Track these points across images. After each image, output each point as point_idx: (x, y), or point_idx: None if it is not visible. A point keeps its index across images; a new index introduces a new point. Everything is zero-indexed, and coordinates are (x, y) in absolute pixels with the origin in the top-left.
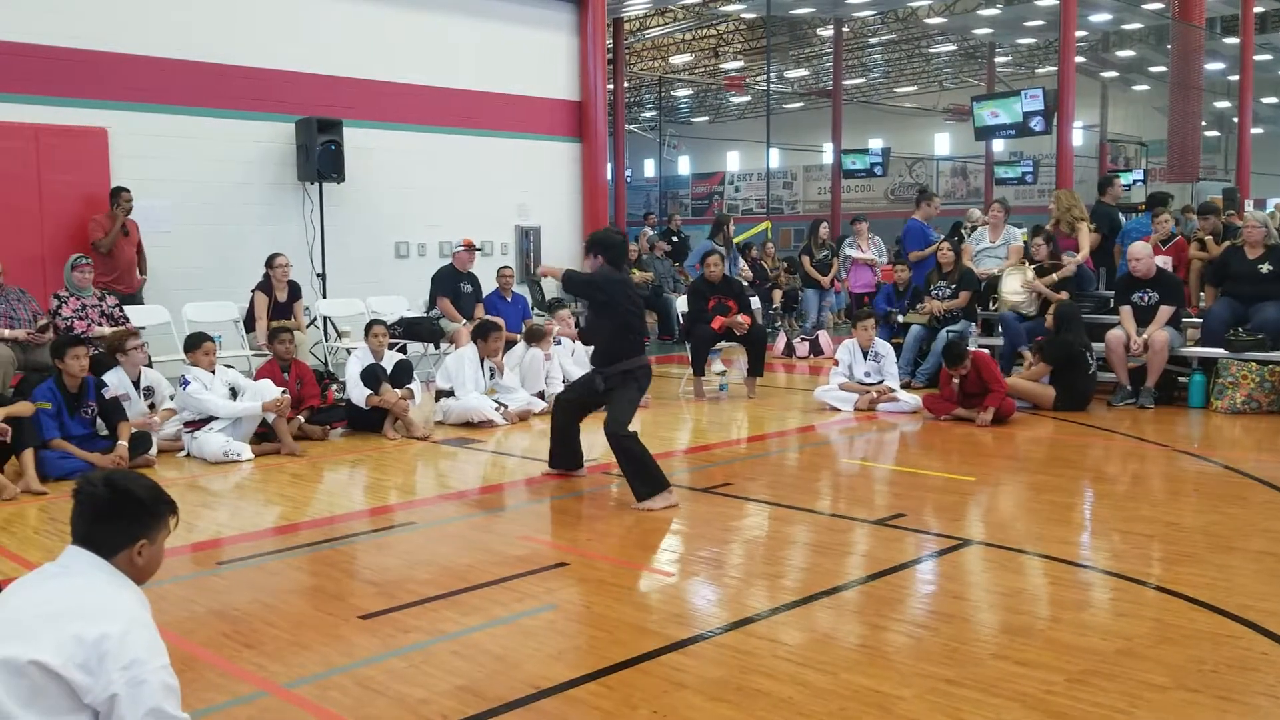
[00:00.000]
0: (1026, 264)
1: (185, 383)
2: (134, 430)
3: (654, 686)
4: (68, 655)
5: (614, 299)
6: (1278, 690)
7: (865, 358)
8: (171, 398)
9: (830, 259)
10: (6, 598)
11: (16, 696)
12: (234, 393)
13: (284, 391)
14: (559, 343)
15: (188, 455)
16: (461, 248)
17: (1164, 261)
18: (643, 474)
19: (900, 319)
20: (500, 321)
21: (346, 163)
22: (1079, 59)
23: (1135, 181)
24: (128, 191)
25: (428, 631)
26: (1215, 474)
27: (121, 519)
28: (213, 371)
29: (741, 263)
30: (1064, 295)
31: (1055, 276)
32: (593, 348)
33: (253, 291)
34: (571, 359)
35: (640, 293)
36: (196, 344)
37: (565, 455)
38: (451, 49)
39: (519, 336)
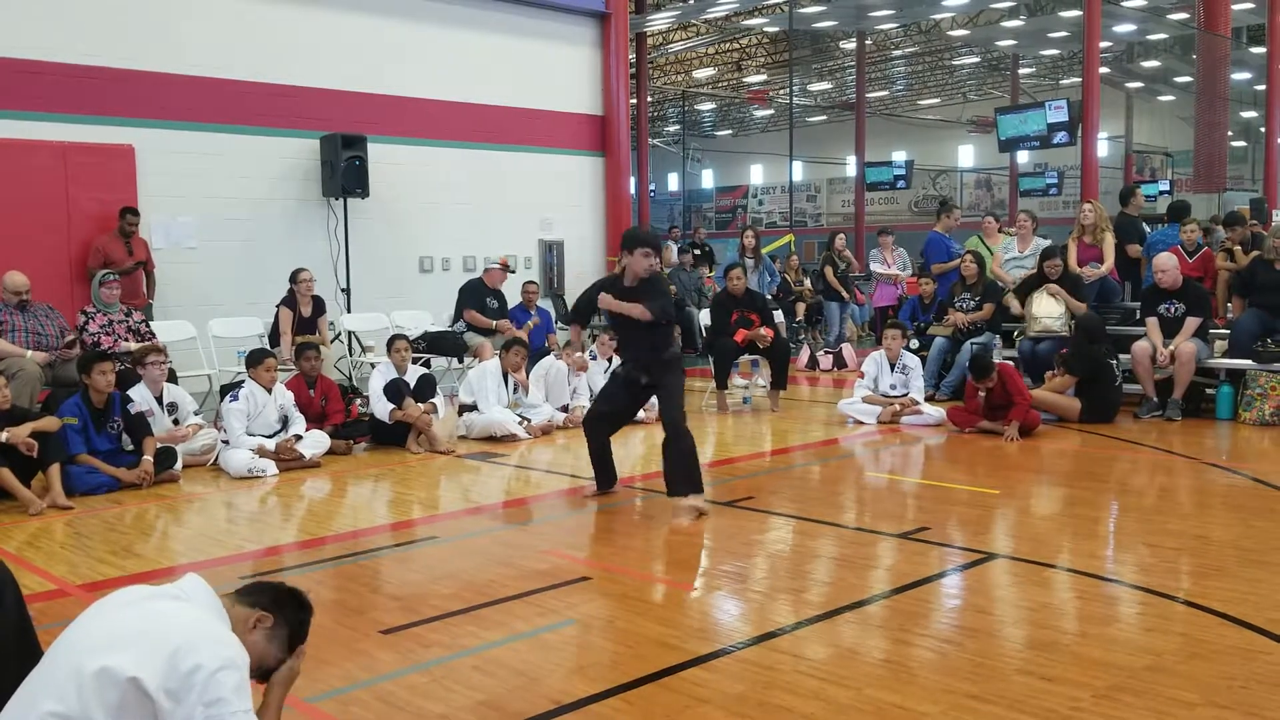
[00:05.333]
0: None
1: (235, 397)
2: (160, 445)
3: (675, 702)
4: (161, 679)
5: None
6: None
7: (892, 370)
8: (196, 413)
9: (849, 270)
10: (118, 606)
11: (104, 705)
12: (285, 421)
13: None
14: (594, 358)
15: (214, 464)
16: (497, 265)
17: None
18: (692, 471)
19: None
20: (524, 336)
21: (371, 178)
22: (1103, 70)
23: (1162, 192)
24: (134, 214)
25: (449, 646)
26: (1244, 487)
27: (267, 594)
28: (269, 390)
29: (770, 280)
30: (1083, 306)
31: (1088, 271)
32: (624, 342)
33: (277, 307)
34: (604, 375)
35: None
36: (258, 360)
37: (607, 474)
38: (474, 64)
39: (549, 346)
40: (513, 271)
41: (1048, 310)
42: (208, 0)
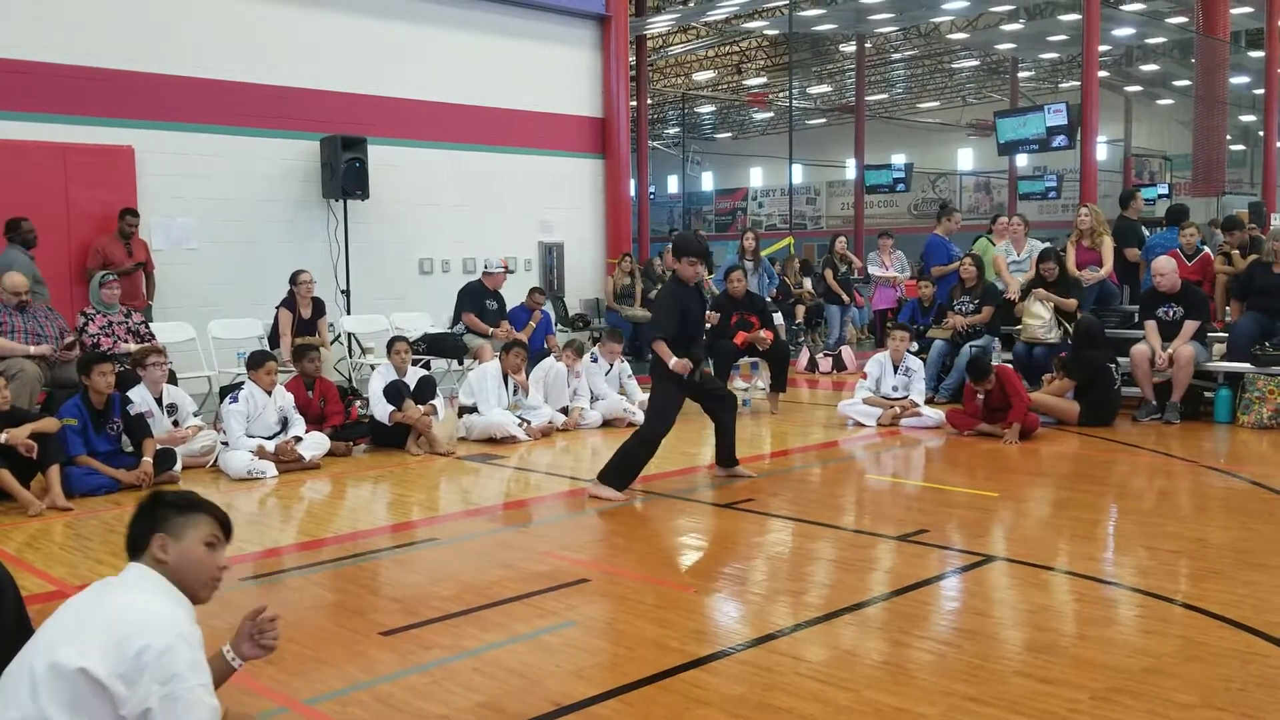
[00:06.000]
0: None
1: (234, 399)
2: (159, 446)
3: (675, 704)
4: (111, 665)
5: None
6: None
7: (895, 371)
8: (196, 414)
9: (849, 273)
10: (67, 605)
11: (58, 701)
12: (284, 422)
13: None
14: (595, 359)
15: (214, 465)
16: (499, 268)
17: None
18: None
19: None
20: (524, 338)
21: (371, 180)
22: (1103, 73)
23: (1160, 196)
24: (134, 215)
25: (449, 648)
26: (1242, 490)
27: (142, 518)
28: (269, 392)
29: (769, 282)
30: (1074, 302)
31: (1086, 274)
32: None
33: (277, 308)
34: (604, 378)
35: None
36: (259, 362)
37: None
38: (475, 66)
39: (549, 347)
40: (511, 272)
41: (1035, 315)
42: (208, 1)
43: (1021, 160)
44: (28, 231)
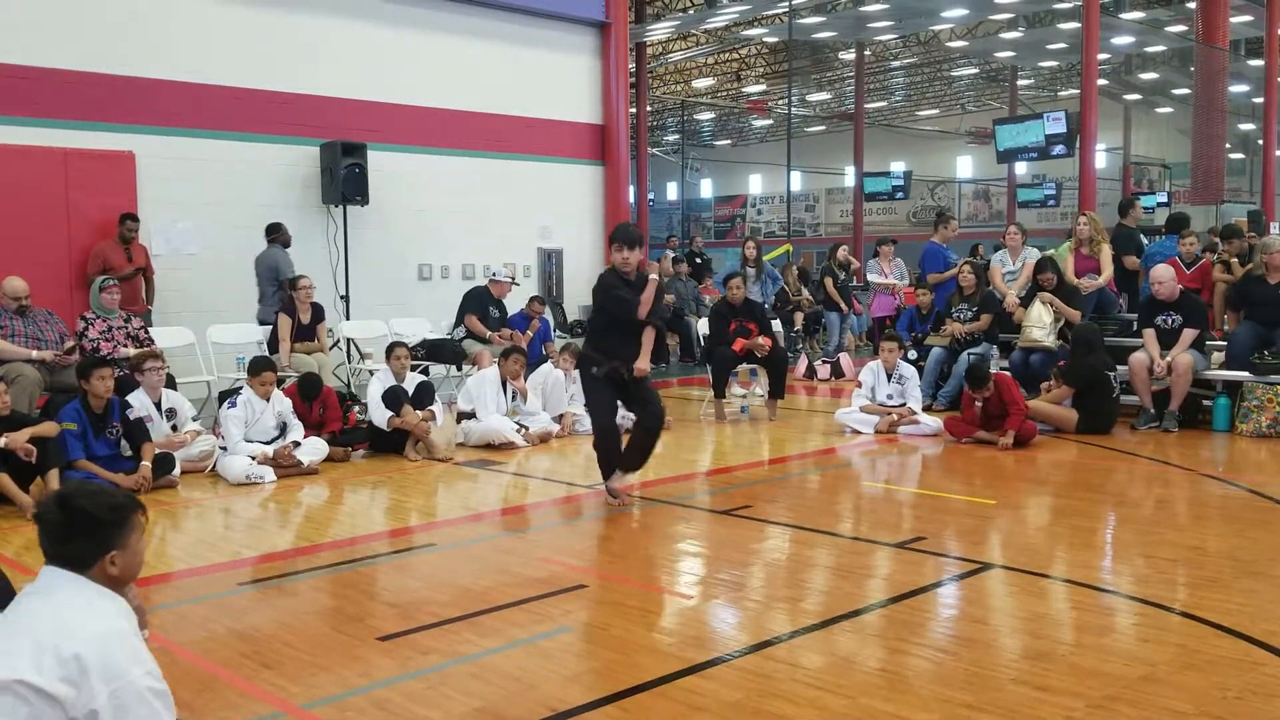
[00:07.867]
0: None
1: (233, 403)
2: (158, 451)
3: (671, 710)
4: (49, 672)
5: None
6: None
7: (889, 380)
8: (194, 419)
9: (849, 281)
10: None
11: (7, 714)
12: (283, 428)
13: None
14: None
15: (213, 469)
16: (506, 278)
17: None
18: (648, 453)
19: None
20: (523, 345)
21: (370, 186)
22: (1102, 81)
23: (1159, 204)
24: (134, 220)
25: (446, 653)
26: (1240, 498)
27: (82, 538)
28: (267, 399)
29: (773, 285)
30: (1078, 314)
31: (1085, 282)
32: (622, 342)
33: (276, 313)
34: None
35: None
36: (258, 370)
37: (616, 457)
38: (475, 73)
39: (547, 353)
40: (517, 284)
41: (1035, 320)
42: (209, 7)
43: (1020, 168)
44: (286, 233)
